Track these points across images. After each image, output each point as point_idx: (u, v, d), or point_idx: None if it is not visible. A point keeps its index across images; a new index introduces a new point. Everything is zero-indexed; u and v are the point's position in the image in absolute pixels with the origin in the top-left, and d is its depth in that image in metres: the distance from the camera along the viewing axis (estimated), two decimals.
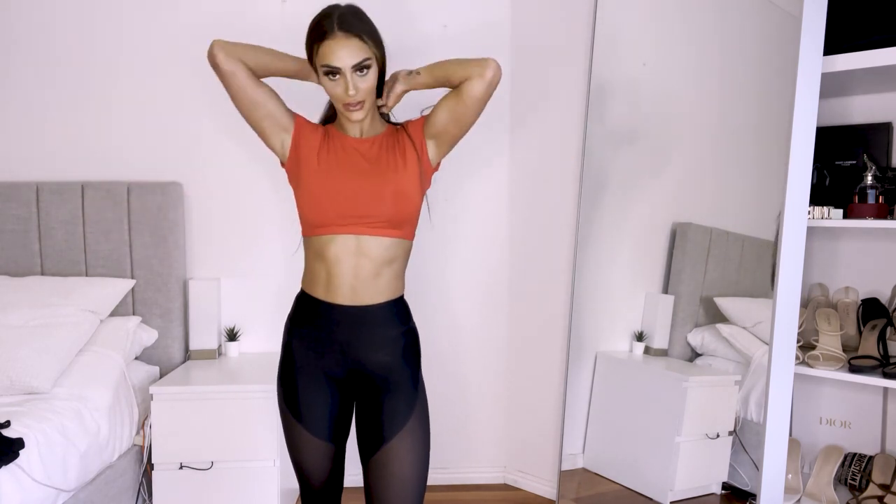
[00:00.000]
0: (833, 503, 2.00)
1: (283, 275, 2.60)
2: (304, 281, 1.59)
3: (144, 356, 2.50)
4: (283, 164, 1.61)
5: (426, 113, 1.60)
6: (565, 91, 2.53)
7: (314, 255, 1.53)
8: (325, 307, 1.52)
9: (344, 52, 1.42)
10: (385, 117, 1.65)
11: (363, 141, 1.56)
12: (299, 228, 1.59)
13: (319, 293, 1.53)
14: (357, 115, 1.49)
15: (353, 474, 1.81)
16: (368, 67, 1.45)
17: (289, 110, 1.59)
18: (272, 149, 1.59)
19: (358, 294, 1.50)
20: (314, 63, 1.48)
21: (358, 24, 1.44)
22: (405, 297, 1.62)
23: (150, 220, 2.48)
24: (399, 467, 1.49)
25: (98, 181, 2.53)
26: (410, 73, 1.59)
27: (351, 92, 1.44)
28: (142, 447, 2.25)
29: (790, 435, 2.12)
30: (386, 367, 1.54)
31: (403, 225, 1.53)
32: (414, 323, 1.62)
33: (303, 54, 1.53)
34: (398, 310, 1.57)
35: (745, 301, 2.06)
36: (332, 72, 1.45)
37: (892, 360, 1.91)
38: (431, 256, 2.61)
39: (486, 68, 1.49)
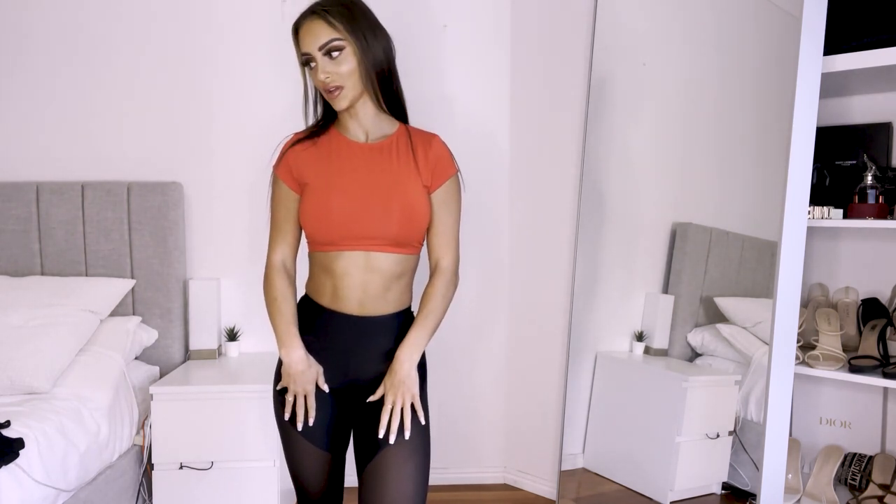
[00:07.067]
0: (833, 503, 2.00)
1: None
2: (308, 287, 1.55)
3: (144, 356, 2.49)
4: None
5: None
6: (565, 90, 2.53)
7: (320, 269, 1.49)
8: (329, 315, 1.48)
9: (309, 35, 1.40)
10: (402, 117, 1.57)
11: (370, 148, 1.49)
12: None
13: (325, 301, 1.49)
14: (339, 104, 1.44)
15: (352, 474, 1.81)
16: (339, 50, 1.40)
17: (293, 192, 1.52)
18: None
19: (366, 307, 1.47)
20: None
21: (327, 7, 1.40)
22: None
23: (150, 220, 2.48)
24: (395, 476, 1.39)
25: (98, 181, 2.53)
26: (412, 358, 1.46)
27: (321, 76, 1.41)
28: (142, 447, 2.25)
29: (790, 435, 2.12)
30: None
31: (412, 243, 1.49)
32: None
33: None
34: (404, 322, 1.53)
35: (745, 301, 2.05)
36: (308, 60, 1.43)
37: (892, 360, 1.91)
38: None
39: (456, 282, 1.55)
